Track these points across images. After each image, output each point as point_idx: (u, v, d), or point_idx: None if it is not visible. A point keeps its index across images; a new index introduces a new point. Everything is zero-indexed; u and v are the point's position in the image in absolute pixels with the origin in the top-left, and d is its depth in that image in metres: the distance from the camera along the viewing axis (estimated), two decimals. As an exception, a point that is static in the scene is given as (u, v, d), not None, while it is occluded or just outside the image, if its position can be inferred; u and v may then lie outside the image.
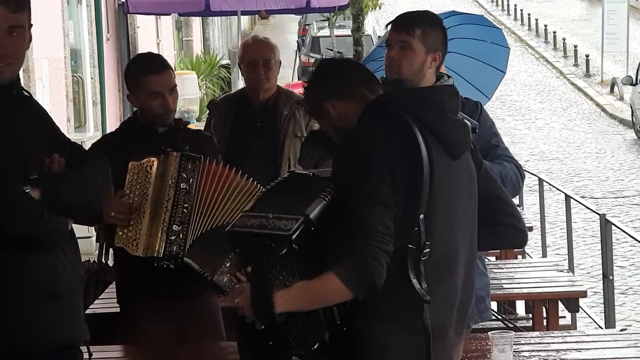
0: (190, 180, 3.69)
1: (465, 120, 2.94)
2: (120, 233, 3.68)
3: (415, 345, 2.74)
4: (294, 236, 2.64)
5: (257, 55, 4.81)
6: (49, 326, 2.99)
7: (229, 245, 2.90)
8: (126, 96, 4.07)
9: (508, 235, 3.04)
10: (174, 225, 3.64)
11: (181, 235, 3.64)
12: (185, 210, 3.67)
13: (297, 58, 23.21)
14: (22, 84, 3.05)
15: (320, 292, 2.68)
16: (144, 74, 3.85)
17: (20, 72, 3.08)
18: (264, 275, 2.69)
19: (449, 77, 3.03)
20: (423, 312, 2.72)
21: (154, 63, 3.93)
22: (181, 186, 3.68)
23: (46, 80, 10.80)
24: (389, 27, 3.09)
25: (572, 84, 24.75)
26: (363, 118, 2.82)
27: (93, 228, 8.76)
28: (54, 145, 3.03)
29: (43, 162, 2.96)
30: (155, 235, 3.65)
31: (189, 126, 4.04)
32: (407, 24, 2.99)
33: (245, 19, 29.25)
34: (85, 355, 3.16)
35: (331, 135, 3.01)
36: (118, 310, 4.05)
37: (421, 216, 2.71)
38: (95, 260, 4.01)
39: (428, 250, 2.73)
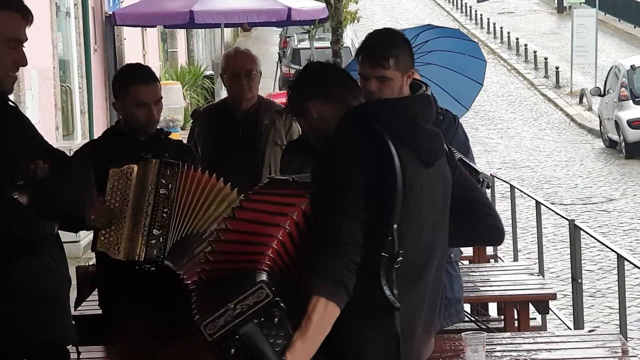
0: (169, 186, 3.70)
1: None
2: (102, 238, 3.70)
3: (385, 345, 2.76)
4: (276, 297, 2.57)
5: (239, 66, 4.89)
6: (38, 326, 3.03)
7: (219, 350, 2.65)
8: (112, 104, 4.06)
9: (486, 233, 3.04)
10: (154, 230, 3.66)
11: (161, 239, 3.66)
12: (164, 215, 3.68)
13: (279, 69, 23.28)
14: (12, 93, 3.09)
15: (317, 323, 2.62)
16: (133, 84, 3.87)
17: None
18: (268, 353, 2.59)
19: (427, 86, 3.03)
20: (393, 316, 2.73)
21: (143, 74, 3.95)
22: (160, 192, 3.69)
23: (35, 90, 10.92)
24: (359, 59, 3.03)
25: (543, 94, 24.95)
26: (340, 129, 2.80)
27: (80, 234, 9.09)
28: (38, 152, 3.06)
29: (28, 168, 3.00)
30: (136, 240, 3.67)
31: (171, 135, 4.07)
32: (379, 57, 2.96)
33: (228, 32, 29.07)
34: (74, 355, 3.20)
35: (310, 138, 2.99)
36: (100, 312, 4.06)
37: (395, 226, 2.71)
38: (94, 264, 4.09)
39: (401, 258, 2.72)
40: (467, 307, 5.51)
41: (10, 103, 3.10)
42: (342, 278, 2.64)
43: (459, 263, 5.18)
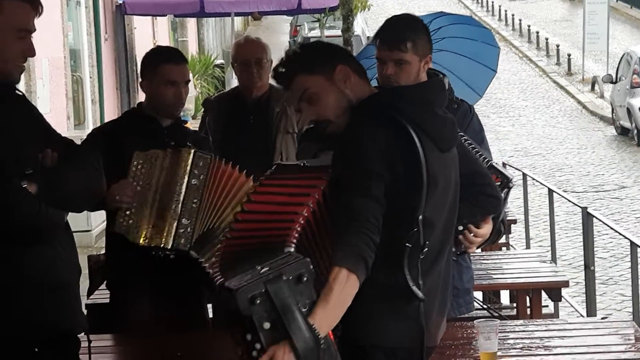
0: (201, 177, 3.71)
1: None
2: (121, 220, 3.68)
3: (410, 330, 2.78)
4: (308, 258, 2.51)
5: (249, 55, 4.90)
6: (48, 315, 3.05)
7: (244, 311, 2.44)
8: (139, 83, 4.08)
9: (483, 202, 3.05)
10: (184, 219, 3.67)
11: (189, 229, 3.67)
12: (194, 205, 3.69)
13: (289, 57, 23.33)
14: (23, 83, 3.11)
15: (339, 293, 2.55)
16: (164, 62, 3.91)
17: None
18: (295, 313, 2.46)
19: (444, 75, 3.00)
20: (416, 303, 2.75)
21: (174, 54, 4.04)
22: (192, 182, 3.70)
23: (46, 79, 10.91)
24: (377, 42, 3.05)
25: (555, 82, 24.85)
26: (359, 118, 2.76)
27: (92, 223, 9.13)
28: (46, 141, 3.08)
29: (36, 157, 3.01)
30: (162, 226, 3.67)
31: (185, 125, 4.10)
32: (397, 40, 2.96)
33: (238, 20, 28.94)
34: (85, 344, 3.22)
35: (304, 113, 2.85)
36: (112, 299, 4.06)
37: (420, 217, 2.70)
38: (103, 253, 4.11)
39: (427, 249, 2.73)
40: (479, 295, 5.50)
41: (18, 92, 3.11)
42: (363, 254, 2.59)
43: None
